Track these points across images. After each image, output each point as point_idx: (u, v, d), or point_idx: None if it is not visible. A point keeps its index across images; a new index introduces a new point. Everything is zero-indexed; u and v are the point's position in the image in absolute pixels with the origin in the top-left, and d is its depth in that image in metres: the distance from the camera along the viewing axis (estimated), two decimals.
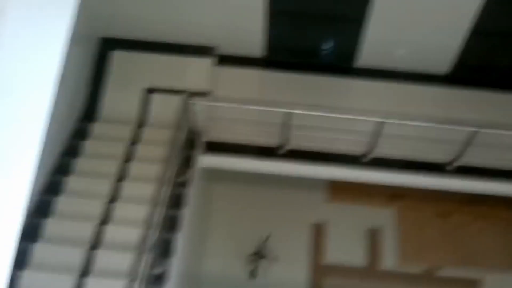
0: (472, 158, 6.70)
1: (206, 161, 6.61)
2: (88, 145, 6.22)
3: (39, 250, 5.05)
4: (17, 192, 2.01)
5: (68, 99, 6.34)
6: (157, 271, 4.86)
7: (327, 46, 7.19)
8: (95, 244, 5.20)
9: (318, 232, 7.58)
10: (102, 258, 5.04)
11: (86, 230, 5.27)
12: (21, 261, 4.94)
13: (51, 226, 5.27)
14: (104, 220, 5.43)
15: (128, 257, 4.68)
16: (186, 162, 6.04)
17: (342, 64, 7.26)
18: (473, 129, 6.11)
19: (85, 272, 4.94)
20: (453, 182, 6.79)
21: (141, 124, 6.60)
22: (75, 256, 5.01)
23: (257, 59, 7.25)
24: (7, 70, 1.91)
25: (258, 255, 7.24)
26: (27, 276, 4.82)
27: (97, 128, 6.45)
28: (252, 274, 7.20)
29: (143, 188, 5.49)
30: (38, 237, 5.21)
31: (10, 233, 1.98)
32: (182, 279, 5.77)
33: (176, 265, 5.20)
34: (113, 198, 5.67)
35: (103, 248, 5.15)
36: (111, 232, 5.29)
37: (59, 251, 5.04)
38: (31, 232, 5.22)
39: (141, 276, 4.38)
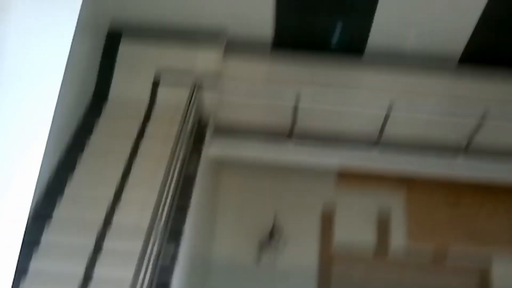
0: (482, 142, 6.68)
1: (216, 145, 6.62)
2: (100, 124, 6.23)
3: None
4: (30, 171, 2.01)
5: (79, 82, 6.34)
6: (166, 254, 4.88)
7: (337, 28, 7.13)
8: (105, 228, 5.22)
9: (327, 216, 7.58)
10: (111, 242, 5.06)
11: (98, 213, 5.30)
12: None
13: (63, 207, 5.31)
14: (114, 203, 5.45)
15: (138, 241, 4.71)
16: (196, 147, 6.04)
17: (353, 46, 7.20)
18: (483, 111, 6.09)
19: (95, 255, 4.97)
20: (463, 166, 6.77)
21: (151, 106, 6.59)
22: (86, 241, 5.03)
23: (267, 43, 7.21)
24: (17, 56, 1.91)
25: (271, 236, 7.26)
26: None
27: (107, 111, 6.45)
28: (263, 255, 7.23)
29: (153, 170, 5.49)
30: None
31: (22, 209, 1.98)
32: (191, 263, 5.79)
33: (185, 249, 5.22)
34: (123, 181, 5.68)
35: (111, 233, 5.17)
36: (120, 214, 5.31)
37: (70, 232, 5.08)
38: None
39: (151, 260, 4.40)
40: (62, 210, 5.30)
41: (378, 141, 6.69)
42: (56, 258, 4.87)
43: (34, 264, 4.80)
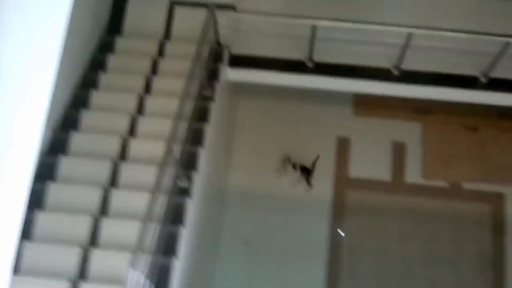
0: (503, 71, 6.56)
1: (231, 74, 6.58)
2: (113, 60, 6.22)
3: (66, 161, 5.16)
4: (38, 107, 2.00)
5: (92, 14, 6.28)
6: (181, 184, 4.94)
7: None
8: (120, 158, 5.28)
9: (343, 146, 7.59)
10: (127, 172, 5.12)
11: (112, 144, 5.35)
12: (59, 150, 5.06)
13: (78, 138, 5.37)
14: (129, 134, 5.50)
15: (152, 171, 4.77)
16: (211, 76, 6.01)
17: None
18: (506, 39, 5.94)
19: (111, 185, 5.05)
20: (482, 95, 6.67)
21: (165, 38, 6.54)
22: (102, 170, 5.10)
23: None
24: None
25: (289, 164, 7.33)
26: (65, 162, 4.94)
27: (121, 43, 6.42)
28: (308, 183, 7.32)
29: (167, 102, 5.50)
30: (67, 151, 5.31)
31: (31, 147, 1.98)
32: (207, 193, 5.87)
33: (200, 177, 5.27)
34: (138, 113, 5.71)
35: (127, 163, 5.23)
36: (135, 146, 5.35)
37: (84, 164, 5.15)
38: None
39: (165, 189, 4.46)
40: (76, 141, 5.35)
41: (395, 70, 6.59)
42: (71, 189, 4.94)
43: (49, 196, 4.88)
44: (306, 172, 7.37)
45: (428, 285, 7.04)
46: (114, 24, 6.67)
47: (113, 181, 5.07)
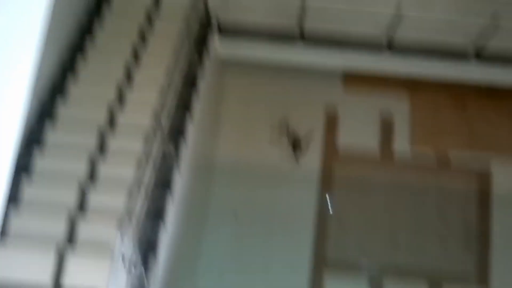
0: (492, 46, 6.58)
1: (221, 48, 6.56)
2: (102, 23, 6.18)
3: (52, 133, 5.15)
4: (24, 71, 1.98)
5: None
6: (169, 155, 4.95)
7: None
8: (107, 129, 5.27)
9: (332, 119, 7.60)
10: (114, 142, 5.11)
11: (100, 113, 5.33)
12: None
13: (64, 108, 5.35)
14: (117, 103, 5.48)
15: (140, 141, 4.77)
16: (201, 46, 5.99)
17: None
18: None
19: (99, 153, 5.04)
20: (471, 70, 6.72)
21: (152, 8, 6.49)
22: (89, 139, 5.09)
23: None
24: None
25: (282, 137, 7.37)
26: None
27: (109, 9, 6.37)
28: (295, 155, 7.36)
29: (156, 70, 5.48)
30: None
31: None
32: (195, 163, 5.88)
33: (188, 149, 5.28)
34: (126, 81, 5.69)
35: (114, 133, 5.22)
36: (123, 117, 5.34)
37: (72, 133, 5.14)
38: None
39: (153, 159, 4.47)
40: (64, 109, 5.33)
41: (385, 43, 6.60)
42: (58, 157, 4.93)
43: (37, 165, 4.88)
44: (296, 146, 7.38)
45: (413, 255, 7.11)
46: None
47: (101, 150, 5.07)
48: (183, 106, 5.37)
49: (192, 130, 5.43)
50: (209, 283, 6.86)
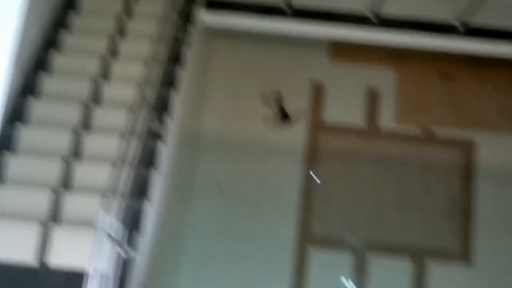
0: (480, 19, 6.57)
1: (207, 18, 6.50)
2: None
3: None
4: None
5: None
6: (154, 128, 4.92)
7: None
8: (93, 101, 5.23)
9: (318, 91, 7.59)
10: (100, 115, 5.09)
11: (85, 87, 5.29)
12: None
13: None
14: (103, 76, 5.44)
15: (125, 115, 4.74)
16: (185, 19, 5.93)
17: None
18: None
19: (83, 128, 5.02)
20: (457, 43, 6.70)
21: None
22: (73, 113, 5.06)
23: None
24: None
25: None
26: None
27: None
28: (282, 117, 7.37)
29: (140, 46, 5.44)
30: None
31: None
32: (180, 137, 5.87)
33: (172, 122, 5.26)
34: (111, 56, 5.64)
35: (100, 106, 5.19)
36: (108, 90, 5.31)
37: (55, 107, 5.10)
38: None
39: (138, 133, 4.44)
40: (48, 83, 5.28)
41: (372, 15, 6.57)
42: (42, 132, 4.90)
43: (21, 140, 4.84)
44: (284, 116, 7.37)
45: (398, 229, 7.18)
46: None
47: (86, 125, 5.04)
48: (169, 78, 5.33)
49: (177, 102, 5.40)
50: (194, 255, 6.90)
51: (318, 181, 7.32)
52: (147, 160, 4.70)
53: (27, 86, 5.22)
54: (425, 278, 6.98)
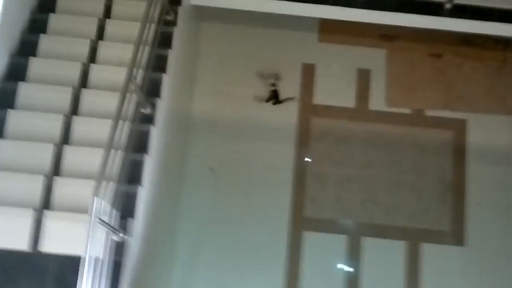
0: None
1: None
2: None
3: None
4: None
5: None
6: (144, 111, 4.85)
7: None
8: (81, 85, 5.15)
9: (308, 73, 7.54)
10: (89, 99, 5.00)
11: (73, 70, 5.20)
12: None
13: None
14: (89, 59, 5.36)
15: (115, 98, 4.66)
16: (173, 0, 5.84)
17: None
18: None
19: (72, 112, 4.94)
20: (448, 22, 6.65)
21: None
22: (63, 97, 4.97)
23: None
24: None
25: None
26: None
27: None
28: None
29: (128, 27, 5.35)
30: None
31: None
32: (171, 121, 5.80)
33: (163, 106, 5.19)
34: (98, 39, 5.55)
35: (89, 90, 5.11)
36: (97, 72, 5.22)
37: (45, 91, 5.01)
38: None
39: (128, 116, 4.37)
40: (35, 67, 5.18)
41: None
42: (32, 117, 4.81)
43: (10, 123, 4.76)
44: (275, 98, 7.34)
45: (390, 210, 7.18)
46: None
47: (75, 109, 4.96)
48: (158, 61, 5.24)
49: (167, 85, 5.33)
50: (188, 239, 6.87)
51: (310, 163, 7.29)
52: (139, 143, 4.64)
53: (14, 69, 5.12)
54: (418, 259, 6.99)
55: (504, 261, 7.01)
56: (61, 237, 4.06)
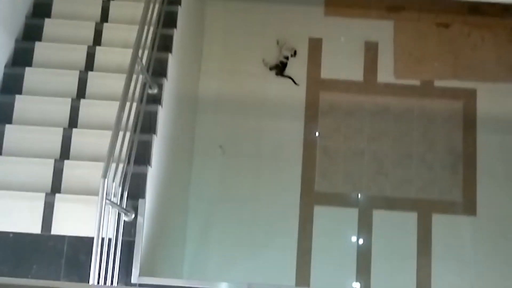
0: None
1: None
2: None
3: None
4: None
5: None
6: (151, 92, 4.86)
7: None
8: (87, 68, 5.15)
9: (315, 47, 7.50)
10: (95, 81, 5.01)
11: (78, 53, 5.20)
12: None
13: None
14: (94, 41, 5.35)
15: (121, 80, 4.67)
16: None
17: None
18: None
19: (79, 95, 4.95)
20: None
21: None
22: (69, 81, 4.99)
23: None
24: None
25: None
26: None
27: None
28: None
29: (132, 8, 5.34)
30: None
31: None
32: (178, 100, 5.80)
33: (169, 86, 5.19)
34: (102, 20, 5.54)
35: (95, 72, 5.11)
36: (102, 55, 5.22)
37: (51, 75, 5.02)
38: None
39: (135, 97, 4.39)
40: (40, 51, 5.19)
41: None
42: (39, 102, 4.84)
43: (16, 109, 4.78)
44: (281, 70, 7.33)
45: (400, 182, 7.17)
46: None
47: (82, 92, 4.97)
48: (163, 41, 5.23)
49: (173, 65, 5.32)
50: (199, 218, 6.91)
51: (319, 137, 7.29)
52: (146, 124, 4.66)
53: (19, 54, 5.14)
54: (429, 230, 6.99)
55: None
56: (73, 219, 4.13)
